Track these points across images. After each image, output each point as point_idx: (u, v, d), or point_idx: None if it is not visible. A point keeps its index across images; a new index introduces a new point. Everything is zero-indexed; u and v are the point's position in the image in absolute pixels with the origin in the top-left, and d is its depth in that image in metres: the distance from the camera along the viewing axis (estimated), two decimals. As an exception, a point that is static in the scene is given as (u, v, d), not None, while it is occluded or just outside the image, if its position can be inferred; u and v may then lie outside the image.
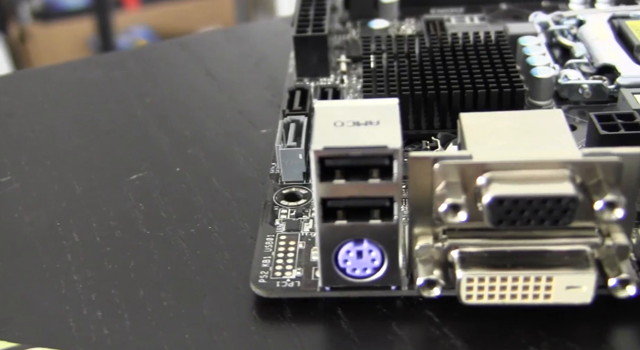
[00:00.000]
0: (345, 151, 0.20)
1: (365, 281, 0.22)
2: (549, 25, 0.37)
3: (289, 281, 0.23)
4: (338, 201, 0.21)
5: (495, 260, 0.21)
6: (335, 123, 0.21)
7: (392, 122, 0.21)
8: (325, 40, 0.35)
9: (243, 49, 0.44)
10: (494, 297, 0.21)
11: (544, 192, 0.19)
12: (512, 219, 0.20)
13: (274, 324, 0.22)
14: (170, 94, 0.38)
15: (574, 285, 0.21)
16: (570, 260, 0.21)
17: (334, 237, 0.22)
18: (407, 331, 0.22)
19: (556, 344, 0.21)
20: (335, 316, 0.23)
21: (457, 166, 0.20)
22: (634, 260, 0.23)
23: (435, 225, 0.22)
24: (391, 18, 0.41)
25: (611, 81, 0.32)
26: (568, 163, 0.20)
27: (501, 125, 0.22)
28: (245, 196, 0.29)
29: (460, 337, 0.22)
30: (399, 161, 0.20)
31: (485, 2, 0.42)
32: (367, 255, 0.22)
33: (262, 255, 0.24)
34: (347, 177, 0.21)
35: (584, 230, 0.21)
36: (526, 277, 0.21)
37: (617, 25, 0.35)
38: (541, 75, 0.32)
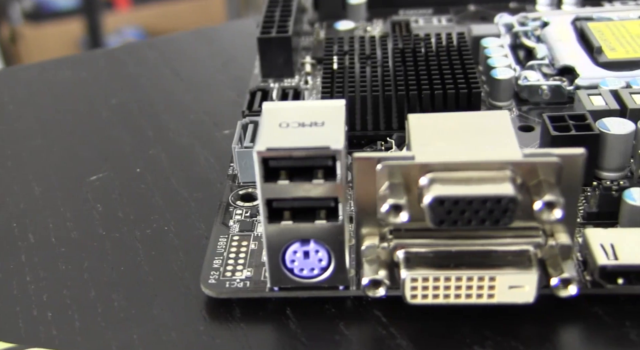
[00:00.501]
0: (288, 152, 0.20)
1: (312, 281, 0.22)
2: (514, 26, 0.37)
3: (238, 281, 0.23)
4: (283, 202, 0.21)
5: (440, 261, 0.21)
6: (281, 124, 0.21)
7: (337, 123, 0.21)
8: (289, 41, 0.35)
9: (212, 49, 0.44)
10: (439, 297, 0.21)
11: (484, 193, 0.20)
12: (453, 219, 0.20)
13: (223, 324, 0.23)
14: (137, 94, 0.38)
15: (516, 285, 0.21)
16: (513, 260, 0.21)
17: (281, 237, 0.22)
18: (354, 331, 0.22)
19: (500, 343, 0.21)
20: (284, 316, 0.23)
21: (399, 167, 0.20)
22: (580, 260, 0.23)
23: (381, 226, 0.22)
24: (359, 19, 0.41)
25: (571, 82, 0.32)
26: (509, 164, 0.20)
27: (447, 126, 0.22)
28: (203, 197, 0.29)
29: (406, 337, 0.22)
30: (341, 162, 0.20)
31: (454, 3, 0.42)
32: (314, 256, 0.22)
33: (214, 256, 0.24)
34: (292, 177, 0.21)
35: (528, 231, 0.21)
36: (469, 277, 0.21)
37: (579, 27, 0.36)
38: (500, 77, 0.32)
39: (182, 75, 0.40)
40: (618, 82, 0.30)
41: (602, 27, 0.35)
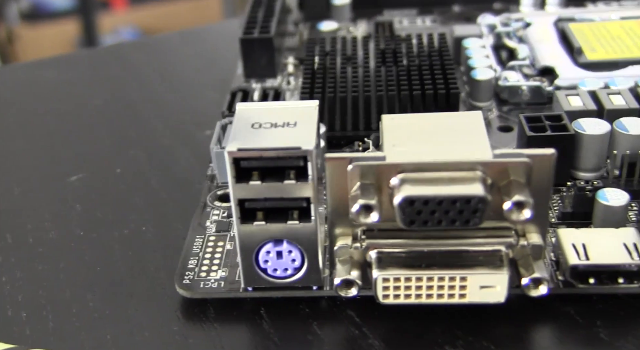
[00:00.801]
0: (259, 152, 0.20)
1: (286, 281, 0.23)
2: (497, 27, 0.37)
3: (213, 282, 0.23)
4: (256, 202, 0.21)
5: (412, 261, 0.21)
6: (253, 125, 0.22)
7: (310, 123, 0.21)
8: (271, 42, 0.35)
9: (198, 50, 0.44)
10: (411, 297, 0.21)
11: (454, 193, 0.20)
12: (423, 219, 0.20)
13: (196, 324, 0.23)
14: (121, 95, 0.38)
15: (487, 284, 0.21)
16: (484, 260, 0.21)
17: (254, 238, 0.22)
18: (327, 331, 0.22)
19: (472, 343, 0.21)
20: (258, 316, 0.23)
21: (370, 167, 0.20)
22: (553, 260, 0.23)
23: (354, 226, 0.22)
24: (344, 20, 0.41)
25: (551, 83, 0.32)
26: (479, 164, 0.20)
27: (420, 126, 0.22)
28: (182, 197, 0.29)
29: (379, 337, 0.22)
30: (312, 162, 0.20)
31: (438, 4, 0.43)
32: (287, 256, 0.22)
33: (189, 256, 0.24)
34: (264, 178, 0.21)
35: (500, 231, 0.21)
36: (441, 277, 0.21)
37: (561, 27, 0.36)
38: (480, 77, 0.32)
39: (166, 76, 0.40)
40: (596, 82, 0.30)
41: (584, 28, 0.35)
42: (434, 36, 0.34)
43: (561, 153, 0.25)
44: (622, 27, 0.35)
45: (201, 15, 1.35)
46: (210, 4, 1.38)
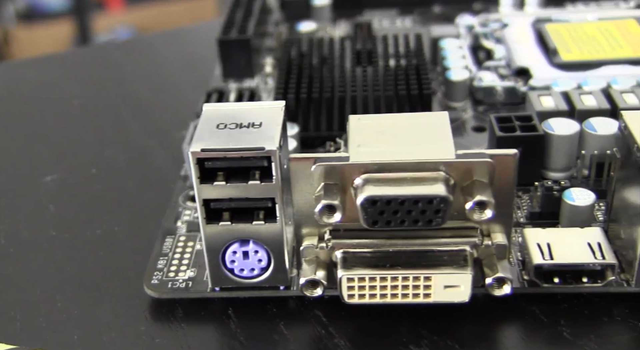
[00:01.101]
0: (223, 153, 0.21)
1: (253, 281, 0.23)
2: (475, 27, 0.37)
3: (181, 282, 0.23)
4: (221, 202, 0.21)
5: (377, 261, 0.21)
6: (219, 125, 0.22)
7: (274, 124, 0.21)
8: (248, 43, 0.35)
9: (181, 50, 0.44)
10: (376, 296, 0.21)
11: (416, 193, 0.20)
12: (386, 220, 0.20)
13: (164, 324, 0.23)
14: (100, 95, 0.38)
15: (451, 284, 0.21)
16: (449, 260, 0.21)
17: (220, 238, 0.22)
18: (293, 331, 0.22)
19: (436, 342, 0.21)
20: (226, 316, 0.23)
21: (333, 167, 0.20)
22: (519, 259, 0.23)
23: (321, 226, 0.22)
24: (324, 20, 0.41)
25: (525, 83, 0.32)
26: (442, 164, 0.20)
27: (386, 127, 0.22)
28: (156, 197, 0.29)
29: (345, 336, 0.22)
30: (276, 163, 0.21)
31: (419, 4, 0.43)
32: (254, 256, 0.22)
33: (159, 257, 0.24)
34: (229, 179, 0.21)
35: (465, 231, 0.21)
36: (405, 277, 0.21)
37: (538, 28, 0.36)
38: (455, 78, 0.32)
39: (148, 76, 0.40)
40: (570, 83, 0.31)
41: (561, 29, 0.35)
42: (409, 37, 0.34)
43: (530, 153, 0.26)
44: (598, 28, 0.35)
45: (197, 15, 1.35)
46: (206, 4, 1.38)
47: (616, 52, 0.33)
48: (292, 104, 0.30)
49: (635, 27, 0.35)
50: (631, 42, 0.34)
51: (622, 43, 0.34)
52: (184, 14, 1.35)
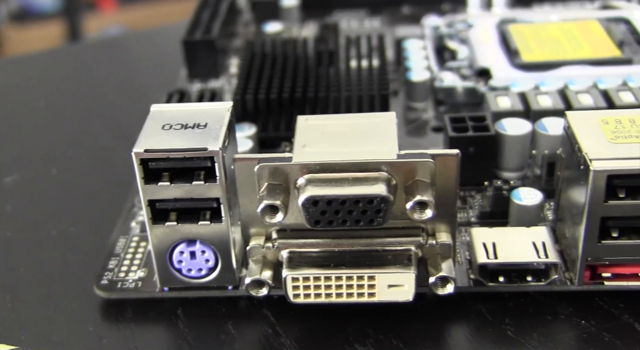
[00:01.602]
0: (166, 153, 0.21)
1: (201, 281, 0.23)
2: (440, 28, 0.37)
3: (130, 282, 0.23)
4: (166, 203, 0.21)
5: (322, 260, 0.22)
6: (164, 126, 0.22)
7: (219, 125, 0.22)
8: (213, 44, 0.35)
9: (151, 51, 0.44)
10: (321, 296, 0.21)
11: (356, 193, 0.20)
12: (328, 219, 0.20)
13: (112, 325, 0.23)
14: (67, 96, 0.38)
15: (395, 283, 0.21)
16: (392, 259, 0.21)
17: (166, 238, 0.22)
18: (241, 330, 0.22)
19: (381, 341, 0.22)
20: (175, 316, 0.23)
21: (276, 168, 0.21)
22: (467, 258, 0.24)
23: (268, 226, 0.22)
24: (293, 21, 0.42)
25: (486, 84, 0.32)
26: (383, 164, 0.20)
27: (332, 127, 0.22)
28: (115, 198, 0.29)
29: (291, 336, 0.22)
30: (219, 163, 0.21)
31: (388, 5, 0.43)
32: (201, 256, 0.22)
33: (111, 257, 0.24)
34: (174, 179, 0.21)
35: (410, 230, 0.22)
36: (349, 276, 0.21)
37: (502, 29, 0.36)
38: (415, 79, 0.32)
39: (116, 77, 0.40)
40: (528, 83, 0.31)
41: (524, 30, 0.36)
42: (372, 38, 0.34)
43: (483, 153, 0.26)
44: (561, 29, 0.35)
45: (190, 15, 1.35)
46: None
47: (576, 53, 0.33)
48: (251, 104, 0.30)
49: (597, 28, 0.35)
50: (592, 43, 0.34)
51: (583, 44, 0.34)
52: (177, 14, 1.34)
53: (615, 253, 0.21)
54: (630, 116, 0.22)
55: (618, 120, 0.22)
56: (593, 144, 0.21)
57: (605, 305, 0.22)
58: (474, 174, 0.26)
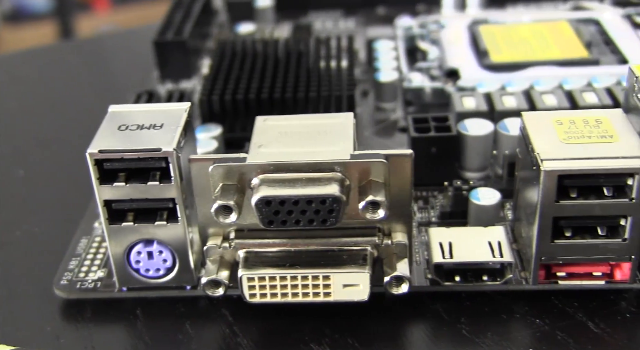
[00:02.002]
0: (120, 154, 0.21)
1: (159, 281, 0.23)
2: (413, 29, 0.38)
3: (90, 282, 0.23)
4: (122, 203, 0.22)
5: (278, 260, 0.22)
6: (120, 126, 0.22)
7: (176, 125, 0.22)
8: (184, 45, 0.35)
9: (128, 52, 0.44)
10: (277, 296, 0.22)
11: (308, 193, 0.20)
12: (281, 219, 0.20)
13: (71, 325, 0.23)
14: (42, 97, 0.38)
15: (350, 283, 0.21)
16: (348, 259, 0.21)
17: (123, 238, 0.22)
18: (198, 330, 0.22)
19: (337, 341, 0.22)
20: (133, 316, 0.23)
21: (230, 168, 0.21)
22: (425, 258, 0.24)
23: (226, 226, 0.22)
24: (267, 21, 0.42)
25: (455, 84, 0.33)
26: (336, 164, 0.21)
27: (289, 128, 0.23)
28: (80, 199, 0.29)
29: (248, 335, 0.22)
30: (173, 164, 0.21)
31: (363, 5, 0.43)
32: (158, 256, 0.22)
33: (71, 257, 0.25)
34: (130, 179, 0.21)
35: (366, 230, 0.22)
36: (304, 276, 0.21)
37: (472, 30, 0.36)
38: (383, 79, 0.32)
39: (91, 78, 0.40)
40: (494, 84, 0.31)
41: (495, 31, 0.36)
42: (342, 38, 0.34)
43: (444, 153, 0.26)
44: (531, 30, 0.36)
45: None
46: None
47: (544, 54, 0.33)
48: (217, 105, 0.30)
49: (567, 29, 0.35)
50: (560, 43, 0.34)
51: (552, 45, 0.34)
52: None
53: (569, 252, 0.22)
54: (584, 117, 0.22)
55: (572, 121, 0.22)
56: (545, 145, 0.21)
57: (560, 304, 0.22)
58: (437, 174, 0.27)
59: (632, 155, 0.20)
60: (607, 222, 0.21)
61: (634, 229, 0.21)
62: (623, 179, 0.20)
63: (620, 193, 0.21)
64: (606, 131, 0.21)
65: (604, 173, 0.20)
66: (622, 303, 0.22)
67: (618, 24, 0.35)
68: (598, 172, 0.20)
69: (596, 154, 0.20)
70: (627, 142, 0.21)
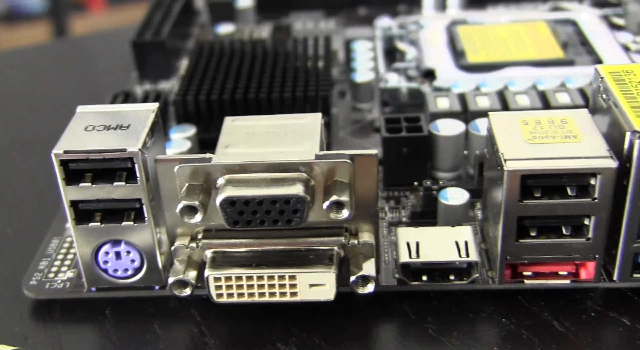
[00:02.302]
0: (85, 155, 0.21)
1: (127, 282, 0.23)
2: (392, 29, 0.38)
3: (59, 283, 0.24)
4: (90, 204, 0.22)
5: (244, 260, 0.22)
6: (87, 127, 0.22)
7: (142, 126, 0.22)
8: (163, 45, 0.35)
9: (110, 52, 0.44)
10: (244, 296, 0.22)
11: (272, 193, 0.20)
12: (246, 220, 0.21)
13: (39, 325, 0.23)
14: (22, 97, 0.38)
15: (316, 283, 0.21)
16: (314, 259, 0.21)
17: (91, 238, 0.22)
18: (166, 330, 0.22)
19: (304, 340, 0.22)
20: (102, 316, 0.23)
21: (196, 168, 0.21)
22: (394, 258, 0.24)
23: (194, 226, 0.22)
24: (248, 22, 0.42)
25: (431, 84, 0.33)
26: (301, 165, 0.21)
27: (257, 128, 0.23)
28: (54, 199, 0.29)
29: (215, 335, 0.22)
30: (139, 164, 0.21)
31: (344, 6, 0.43)
32: (126, 257, 0.22)
33: (42, 257, 0.25)
34: (96, 180, 0.21)
35: (333, 230, 0.22)
36: (270, 276, 0.21)
37: (451, 30, 0.36)
38: (359, 79, 0.33)
39: (72, 78, 0.40)
40: (469, 84, 0.31)
41: (472, 31, 0.36)
42: (319, 39, 0.34)
43: (416, 153, 0.27)
44: (509, 31, 0.36)
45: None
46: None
47: (521, 54, 0.33)
48: (192, 105, 0.30)
49: (544, 30, 0.35)
50: (537, 44, 0.34)
51: (528, 45, 0.34)
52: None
53: (534, 252, 0.22)
54: (550, 117, 0.22)
55: (538, 121, 0.22)
56: (509, 145, 0.21)
57: (527, 303, 0.22)
58: (409, 174, 0.27)
59: (594, 155, 0.20)
60: (571, 222, 0.21)
61: (598, 228, 0.21)
62: (586, 178, 0.20)
63: (584, 193, 0.21)
64: (570, 131, 0.21)
65: (567, 173, 0.20)
66: (588, 302, 0.22)
67: (595, 25, 0.36)
68: (561, 172, 0.20)
69: (559, 154, 0.21)
70: (591, 142, 0.21)
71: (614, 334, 0.21)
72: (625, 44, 0.34)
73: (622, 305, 0.22)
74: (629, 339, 0.21)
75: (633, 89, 0.22)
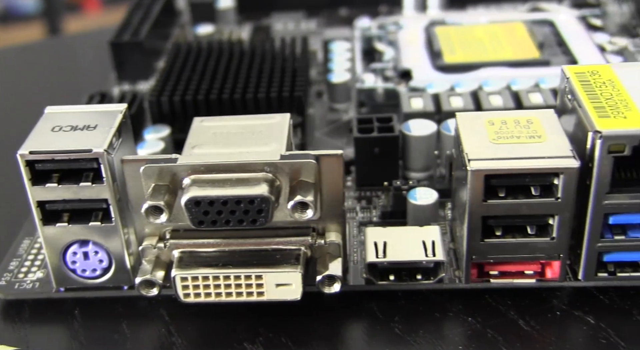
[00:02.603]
0: (51, 155, 0.21)
1: (96, 282, 0.23)
2: (371, 30, 0.38)
3: (28, 283, 0.24)
4: (57, 204, 0.22)
5: (211, 260, 0.22)
6: (54, 128, 0.22)
7: (109, 126, 0.22)
8: (141, 46, 0.35)
9: (93, 52, 0.44)
10: (211, 295, 0.22)
11: (237, 193, 0.20)
12: (211, 220, 0.21)
13: (8, 325, 0.23)
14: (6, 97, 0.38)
15: (283, 282, 0.21)
16: (280, 258, 0.22)
17: (59, 239, 0.22)
18: (134, 330, 0.22)
19: (271, 340, 0.22)
20: (71, 316, 0.23)
21: (161, 168, 0.21)
22: (363, 258, 0.24)
23: (162, 227, 0.22)
24: (229, 23, 0.42)
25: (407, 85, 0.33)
26: (265, 165, 0.21)
27: (225, 128, 0.23)
28: (26, 200, 0.29)
29: (183, 335, 0.22)
30: (105, 165, 0.21)
31: (326, 7, 0.43)
32: (94, 257, 0.22)
33: (12, 258, 0.25)
34: (65, 180, 0.21)
35: (300, 230, 0.22)
36: (237, 275, 0.21)
37: (429, 31, 0.37)
38: (335, 80, 0.33)
39: (56, 78, 0.41)
40: (444, 84, 0.31)
41: (450, 32, 0.36)
42: (296, 39, 0.34)
43: (387, 153, 0.27)
44: (486, 31, 0.36)
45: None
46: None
47: (497, 54, 0.34)
48: (166, 106, 0.30)
49: (521, 30, 0.36)
50: (514, 44, 0.34)
51: (505, 45, 0.34)
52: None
53: (500, 251, 0.22)
54: (516, 117, 0.22)
55: (504, 121, 0.22)
56: (474, 145, 0.21)
57: (494, 302, 0.23)
58: (380, 174, 0.27)
59: (557, 155, 0.20)
60: (535, 221, 0.21)
61: (562, 228, 0.21)
62: (549, 178, 0.21)
63: (547, 192, 0.21)
64: (535, 131, 0.22)
65: (530, 173, 0.20)
66: (554, 301, 0.22)
67: (572, 26, 0.36)
68: (524, 171, 0.20)
69: (523, 154, 0.21)
70: (555, 142, 0.21)
71: (579, 332, 0.21)
72: (601, 44, 0.34)
73: (587, 304, 0.22)
74: (593, 338, 0.21)
75: (597, 89, 0.22)
